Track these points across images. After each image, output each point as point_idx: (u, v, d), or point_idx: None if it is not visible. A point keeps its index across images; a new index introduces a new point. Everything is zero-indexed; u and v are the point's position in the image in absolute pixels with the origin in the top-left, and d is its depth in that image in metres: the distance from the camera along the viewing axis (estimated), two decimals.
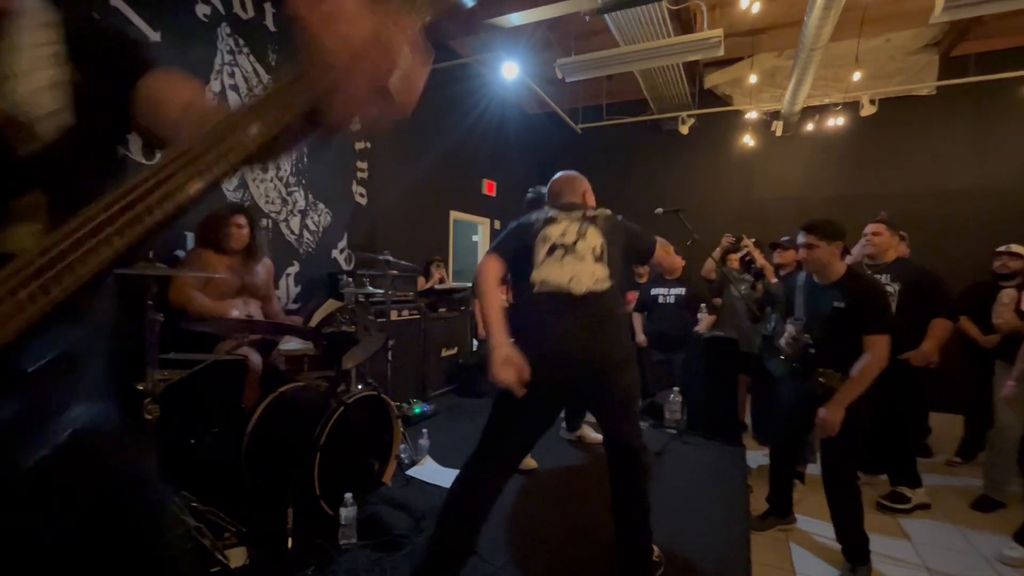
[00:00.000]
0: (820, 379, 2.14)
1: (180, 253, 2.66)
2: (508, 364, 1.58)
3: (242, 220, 2.53)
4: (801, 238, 2.21)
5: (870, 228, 2.95)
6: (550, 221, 1.82)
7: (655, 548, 1.98)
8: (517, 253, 1.80)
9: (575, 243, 1.77)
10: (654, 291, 3.81)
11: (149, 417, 1.76)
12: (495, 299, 1.70)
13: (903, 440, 2.91)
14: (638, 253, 1.97)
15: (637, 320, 3.97)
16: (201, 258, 2.41)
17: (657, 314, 3.79)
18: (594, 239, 1.78)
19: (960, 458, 3.54)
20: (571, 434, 3.43)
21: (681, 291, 3.68)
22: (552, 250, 1.77)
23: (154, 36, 2.54)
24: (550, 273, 1.74)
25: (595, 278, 1.74)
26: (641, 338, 3.89)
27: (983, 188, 4.94)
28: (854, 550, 2.15)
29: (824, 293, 2.18)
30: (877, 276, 2.90)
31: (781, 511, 2.54)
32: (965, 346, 3.34)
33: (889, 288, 2.85)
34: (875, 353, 2.03)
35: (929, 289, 2.82)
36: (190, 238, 2.67)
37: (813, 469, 2.85)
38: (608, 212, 1.91)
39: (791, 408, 2.36)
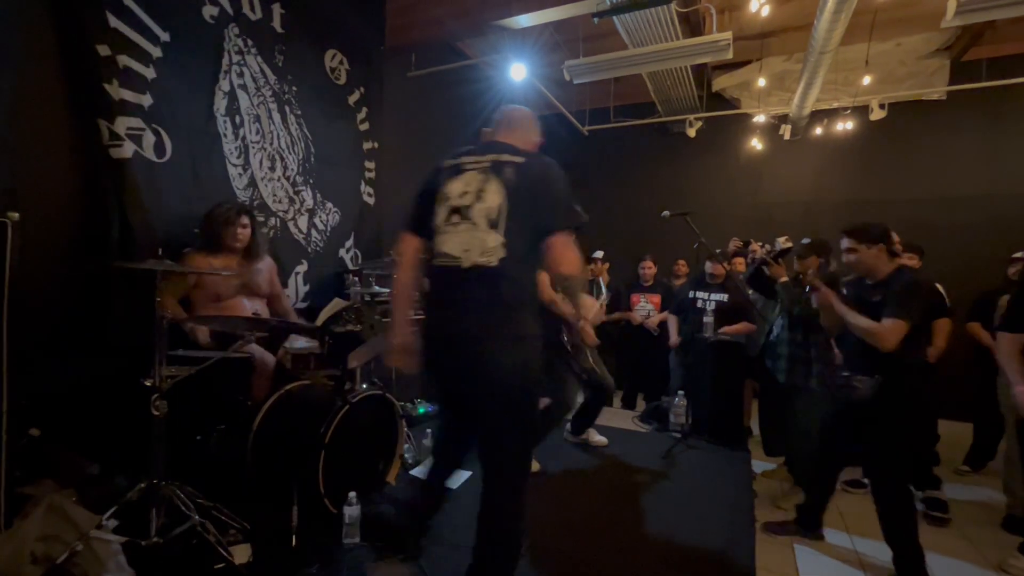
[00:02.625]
0: (854, 384, 2.14)
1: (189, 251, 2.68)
2: (399, 351, 1.59)
3: (246, 220, 2.55)
4: (843, 243, 2.25)
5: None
6: (454, 172, 1.58)
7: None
8: (426, 219, 1.60)
9: (470, 206, 1.51)
10: (693, 294, 3.73)
11: (157, 413, 1.78)
12: (402, 280, 1.64)
13: (918, 448, 2.88)
14: (536, 225, 1.51)
15: (672, 322, 3.91)
16: (190, 261, 2.40)
17: (694, 319, 3.71)
18: (492, 198, 1.49)
19: (969, 467, 3.50)
20: (575, 437, 3.42)
21: (723, 297, 3.60)
22: (449, 214, 1.54)
23: (164, 36, 2.56)
24: (444, 243, 1.54)
25: (484, 249, 1.47)
26: (675, 339, 3.84)
27: (994, 194, 4.89)
28: (908, 568, 2.08)
29: (869, 291, 2.21)
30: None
31: (809, 524, 2.46)
32: (976, 353, 3.31)
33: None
34: (883, 328, 2.04)
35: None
36: None
37: None
38: (530, 160, 1.56)
39: (830, 421, 2.35)
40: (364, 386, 2.57)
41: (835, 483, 2.44)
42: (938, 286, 3.09)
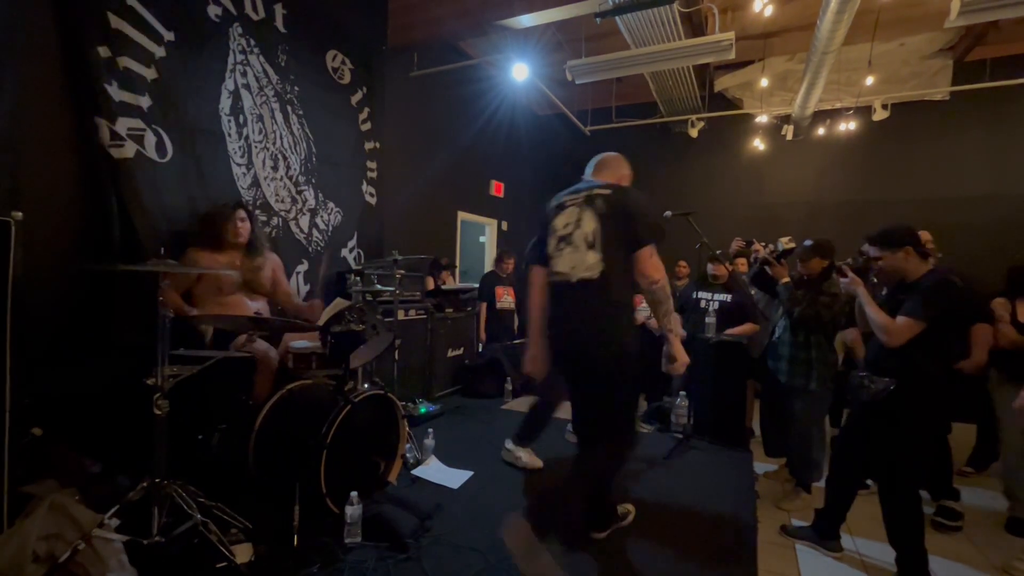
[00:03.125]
0: (866, 383, 2.13)
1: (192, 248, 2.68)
2: (532, 361, 2.05)
3: (243, 214, 2.56)
4: (869, 251, 2.21)
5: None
6: (559, 209, 1.97)
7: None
8: (543, 250, 2.02)
9: (572, 233, 1.90)
10: (697, 294, 3.70)
11: (159, 412, 1.78)
12: (535, 302, 2.05)
13: (941, 453, 2.86)
14: (626, 242, 1.87)
15: (675, 319, 3.88)
16: (190, 259, 2.40)
17: (695, 319, 3.67)
18: (588, 225, 1.87)
19: (972, 467, 3.49)
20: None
21: (726, 298, 3.56)
22: (558, 243, 1.94)
23: (168, 35, 2.57)
24: (557, 264, 1.95)
25: (586, 265, 1.86)
26: (680, 332, 3.80)
27: (998, 194, 4.87)
28: (912, 571, 2.06)
29: (902, 294, 2.14)
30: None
31: (825, 532, 2.40)
32: None
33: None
34: (894, 324, 2.01)
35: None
36: None
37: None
38: (615, 190, 1.92)
39: (850, 422, 2.33)
40: (366, 386, 2.57)
41: (853, 491, 2.37)
42: None
